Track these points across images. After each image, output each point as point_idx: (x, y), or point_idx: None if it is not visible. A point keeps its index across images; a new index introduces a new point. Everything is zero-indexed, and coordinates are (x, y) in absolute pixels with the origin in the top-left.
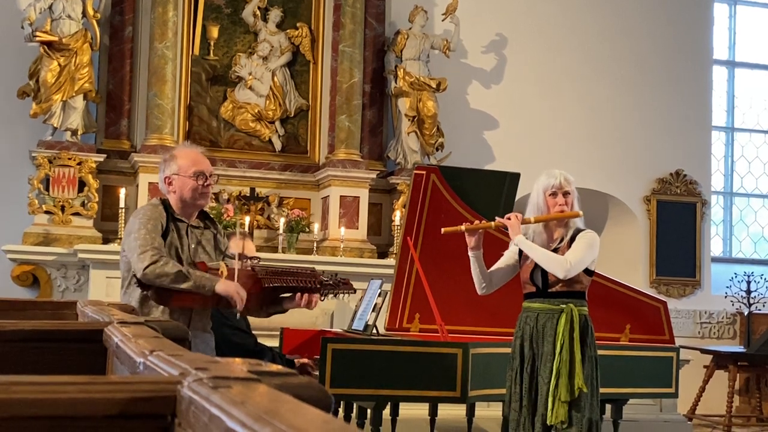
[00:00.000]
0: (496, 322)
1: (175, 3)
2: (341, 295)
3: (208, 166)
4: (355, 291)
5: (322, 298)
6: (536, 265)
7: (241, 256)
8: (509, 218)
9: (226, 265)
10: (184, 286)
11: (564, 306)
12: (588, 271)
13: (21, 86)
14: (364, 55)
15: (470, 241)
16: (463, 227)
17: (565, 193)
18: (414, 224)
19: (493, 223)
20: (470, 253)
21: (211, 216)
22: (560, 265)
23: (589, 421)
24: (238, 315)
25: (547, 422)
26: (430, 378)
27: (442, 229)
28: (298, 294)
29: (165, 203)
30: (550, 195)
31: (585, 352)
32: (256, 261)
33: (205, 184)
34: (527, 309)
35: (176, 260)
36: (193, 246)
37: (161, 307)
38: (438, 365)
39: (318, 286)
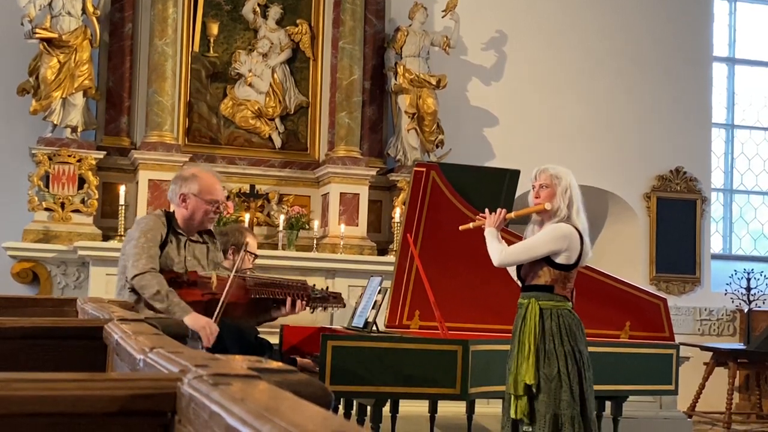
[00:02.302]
0: (497, 318)
1: (175, 0)
2: (331, 309)
3: (222, 195)
4: (344, 305)
5: (312, 310)
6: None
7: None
8: (493, 213)
9: (218, 276)
10: (157, 306)
11: (526, 301)
12: (554, 264)
13: (21, 83)
14: (363, 52)
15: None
16: (467, 226)
17: (542, 186)
18: (414, 221)
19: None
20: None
21: (212, 231)
22: (494, 255)
23: (556, 417)
24: (203, 349)
25: (510, 416)
26: (430, 375)
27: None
28: (289, 302)
29: (168, 215)
30: (531, 189)
31: (546, 345)
32: (248, 272)
33: (216, 210)
34: None
35: (170, 269)
36: (189, 258)
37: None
38: (438, 362)
39: (306, 299)
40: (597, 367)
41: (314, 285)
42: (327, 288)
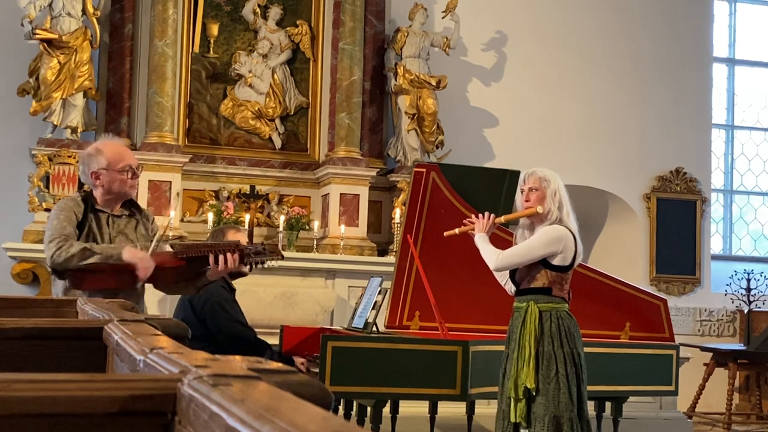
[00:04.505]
0: (497, 319)
1: (175, 1)
2: (269, 262)
3: (134, 160)
4: (282, 257)
5: (249, 268)
6: None
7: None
8: (481, 216)
9: (144, 246)
10: (92, 260)
11: (524, 304)
12: (551, 266)
13: (21, 84)
14: (364, 53)
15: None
16: (453, 231)
17: (531, 189)
18: (414, 222)
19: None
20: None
21: (137, 203)
22: (490, 259)
23: (556, 419)
24: (140, 285)
25: (511, 420)
26: (430, 376)
27: (445, 233)
28: (212, 258)
29: (86, 195)
30: (520, 193)
31: (544, 348)
32: (176, 240)
33: (132, 176)
34: None
35: None
36: (114, 235)
37: (86, 295)
38: (438, 363)
39: (239, 254)
40: (597, 367)
41: (249, 242)
42: (262, 243)
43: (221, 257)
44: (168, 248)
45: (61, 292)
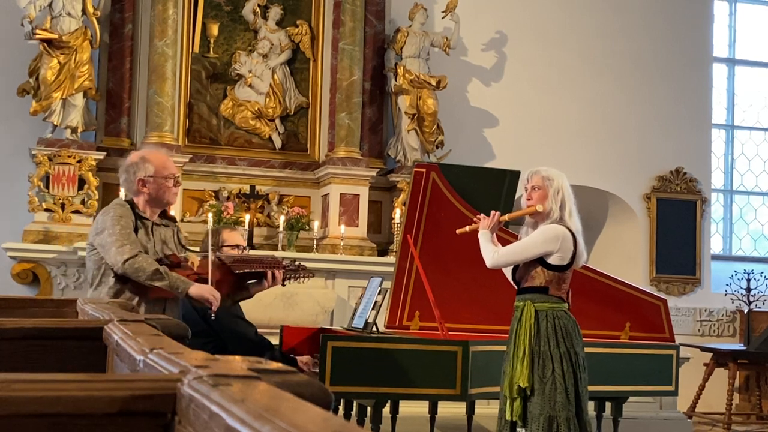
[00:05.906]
0: (497, 319)
1: (175, 1)
2: (302, 280)
3: (176, 168)
4: (313, 275)
5: (284, 283)
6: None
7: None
8: (486, 216)
9: (195, 256)
10: (159, 284)
11: (522, 303)
12: (548, 265)
13: (21, 84)
14: (364, 53)
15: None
16: (464, 229)
17: (534, 188)
18: (414, 222)
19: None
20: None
21: (169, 213)
22: (487, 256)
23: (552, 419)
24: (212, 315)
25: (506, 418)
26: (430, 376)
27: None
28: (269, 275)
29: (130, 202)
30: (525, 191)
31: (541, 348)
32: (218, 252)
33: (176, 183)
34: None
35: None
36: (158, 242)
37: (135, 301)
38: (438, 363)
39: (282, 270)
40: (597, 367)
41: (283, 258)
42: (295, 260)
43: (270, 273)
44: (193, 255)
45: (108, 297)
